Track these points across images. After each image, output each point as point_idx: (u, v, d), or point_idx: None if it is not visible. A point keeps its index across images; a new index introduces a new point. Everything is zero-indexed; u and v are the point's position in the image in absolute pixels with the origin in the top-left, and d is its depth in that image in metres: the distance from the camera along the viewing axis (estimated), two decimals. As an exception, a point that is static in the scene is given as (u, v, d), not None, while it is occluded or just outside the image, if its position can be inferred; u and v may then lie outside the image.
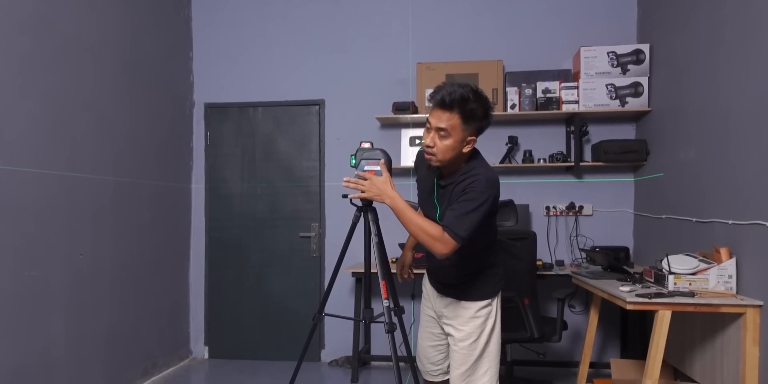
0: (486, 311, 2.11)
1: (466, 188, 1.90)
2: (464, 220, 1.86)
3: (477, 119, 1.91)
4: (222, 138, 4.33)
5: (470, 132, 1.92)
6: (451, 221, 1.87)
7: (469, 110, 1.88)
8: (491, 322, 2.12)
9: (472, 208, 1.87)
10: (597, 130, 3.84)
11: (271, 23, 4.27)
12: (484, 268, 2.13)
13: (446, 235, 1.86)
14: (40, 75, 2.77)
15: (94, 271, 3.14)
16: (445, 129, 1.89)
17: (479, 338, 2.10)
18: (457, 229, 1.85)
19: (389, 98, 4.00)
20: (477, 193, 1.88)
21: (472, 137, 1.94)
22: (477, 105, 1.89)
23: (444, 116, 1.89)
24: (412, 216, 1.92)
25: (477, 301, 2.11)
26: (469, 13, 4.06)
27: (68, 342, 2.93)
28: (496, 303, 2.15)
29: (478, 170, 1.95)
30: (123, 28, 3.45)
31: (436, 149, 1.93)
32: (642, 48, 3.60)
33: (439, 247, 1.87)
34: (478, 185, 1.89)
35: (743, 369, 2.31)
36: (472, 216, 1.86)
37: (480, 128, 1.96)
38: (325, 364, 4.12)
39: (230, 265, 4.28)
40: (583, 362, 3.31)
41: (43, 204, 2.78)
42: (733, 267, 2.43)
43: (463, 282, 2.13)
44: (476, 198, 1.87)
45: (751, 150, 2.39)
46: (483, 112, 1.92)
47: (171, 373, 3.91)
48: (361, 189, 1.96)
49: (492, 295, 2.13)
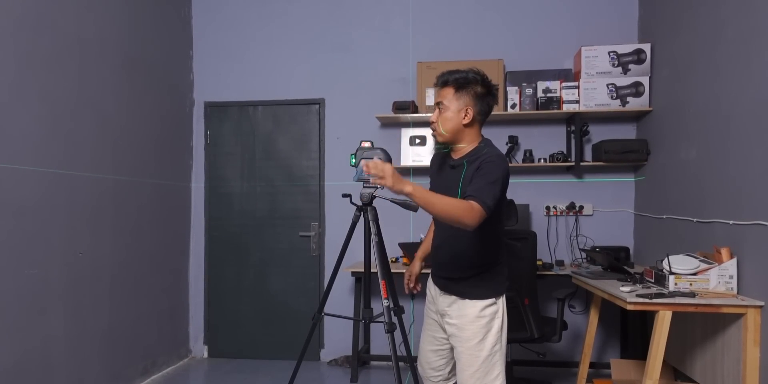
0: (491, 311, 2.07)
1: (480, 165, 1.95)
2: (488, 189, 1.89)
3: (470, 87, 2.01)
4: (222, 137, 4.32)
5: (465, 101, 2.03)
6: (476, 190, 1.88)
7: (462, 79, 2.03)
8: (497, 322, 2.08)
9: (492, 179, 1.91)
10: (598, 129, 3.83)
11: (271, 22, 4.26)
12: (489, 264, 2.10)
13: (474, 204, 1.83)
14: (39, 73, 2.76)
15: (93, 270, 3.14)
16: (441, 102, 2.06)
17: (485, 339, 2.06)
18: (484, 197, 1.86)
19: (389, 97, 3.99)
20: (493, 165, 1.94)
21: (469, 107, 2.03)
22: (470, 75, 2.03)
23: (441, 92, 2.07)
24: (436, 196, 1.84)
25: (481, 299, 2.07)
26: (470, 12, 4.05)
27: (67, 340, 2.93)
28: (502, 304, 2.11)
29: (487, 149, 2.04)
30: (123, 26, 3.44)
31: (438, 123, 2.07)
32: (643, 48, 3.59)
33: (468, 218, 1.82)
34: (492, 159, 1.96)
35: (744, 369, 2.31)
36: (494, 187, 1.90)
37: (478, 98, 2.03)
38: (324, 363, 4.12)
39: (230, 264, 4.28)
40: (583, 362, 3.31)
41: (43, 202, 2.77)
42: (734, 267, 2.42)
43: (468, 276, 2.09)
44: (493, 171, 1.92)
45: (752, 150, 2.38)
46: (477, 82, 2.03)
47: (170, 372, 3.91)
48: (382, 175, 1.77)
49: (496, 295, 2.09)
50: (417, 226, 4.05)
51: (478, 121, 2.06)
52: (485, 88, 2.04)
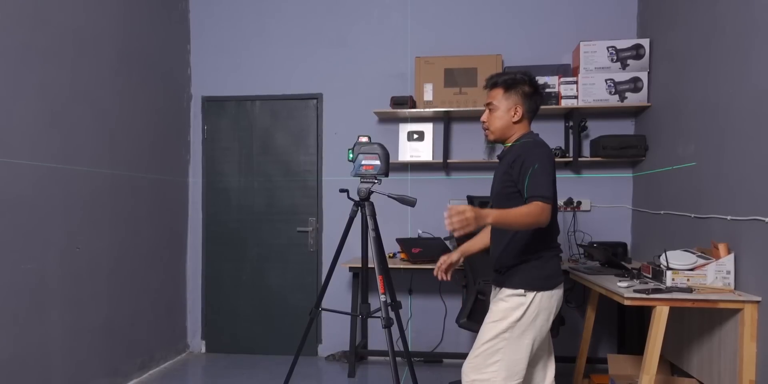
0: (516, 301, 2.06)
1: (516, 159, 2.03)
2: (539, 182, 1.95)
3: (518, 87, 2.12)
4: (219, 132, 4.31)
5: (515, 100, 2.13)
6: (531, 189, 1.95)
7: (510, 80, 2.13)
8: (517, 314, 2.05)
9: (538, 170, 1.96)
10: (596, 125, 3.83)
11: (269, 16, 4.24)
12: (529, 256, 2.10)
13: (538, 203, 1.92)
14: (36, 67, 2.75)
15: (90, 265, 3.13)
16: (491, 103, 2.17)
17: (499, 322, 2.06)
18: (540, 191, 1.94)
19: (387, 92, 3.98)
20: (532, 155, 2.00)
21: (518, 105, 2.12)
22: (517, 76, 2.14)
23: (490, 93, 2.19)
24: (510, 213, 1.91)
25: (511, 288, 2.09)
26: (469, 7, 4.04)
27: (65, 335, 2.93)
28: (533, 300, 2.06)
29: (525, 138, 2.14)
30: (120, 20, 3.42)
31: (488, 123, 2.18)
32: (642, 43, 3.59)
33: (540, 219, 1.92)
34: (528, 149, 2.03)
35: (740, 364, 2.31)
36: (542, 176, 1.96)
37: (526, 97, 2.13)
38: (322, 358, 4.12)
39: (227, 260, 4.27)
40: (581, 357, 3.32)
41: (39, 197, 2.77)
42: (731, 263, 2.43)
43: (507, 266, 2.13)
44: (535, 161, 1.98)
45: (750, 145, 2.38)
46: (525, 82, 2.12)
47: (168, 367, 3.91)
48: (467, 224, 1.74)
49: (528, 287, 2.06)
50: (415, 222, 4.05)
51: (526, 118, 2.16)
52: (532, 88, 2.14)
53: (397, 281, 3.95)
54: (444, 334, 4.01)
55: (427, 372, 3.73)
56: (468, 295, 3.14)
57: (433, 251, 3.66)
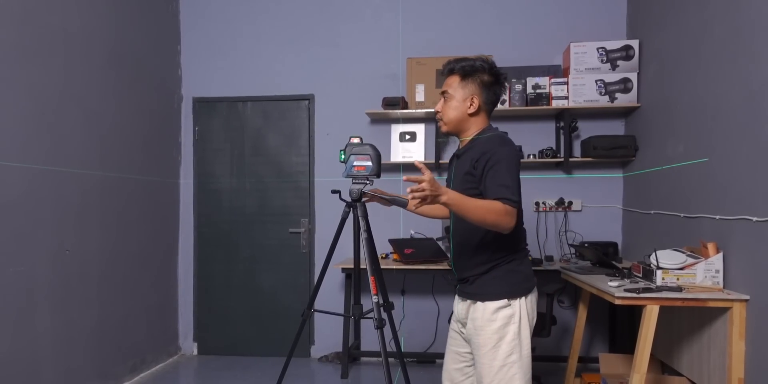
0: (505, 315, 1.87)
1: (481, 156, 1.84)
2: (505, 183, 1.77)
3: (476, 75, 1.93)
4: (211, 133, 4.29)
5: (471, 90, 1.94)
6: (496, 191, 1.77)
7: (468, 67, 1.94)
8: (513, 328, 1.86)
9: (503, 169, 1.79)
10: (586, 125, 3.85)
11: (260, 17, 4.23)
12: (501, 260, 1.90)
13: (505, 206, 1.74)
14: (25, 68, 2.73)
15: (80, 267, 3.11)
16: (446, 91, 1.98)
17: (498, 347, 1.86)
18: (506, 194, 1.75)
19: (379, 93, 3.99)
20: (497, 154, 1.82)
21: (475, 95, 1.93)
22: (477, 64, 1.94)
23: (447, 81, 1.99)
24: (474, 202, 1.72)
25: (492, 300, 1.88)
26: (460, 8, 4.05)
27: (55, 338, 2.90)
28: (521, 307, 1.89)
29: (486, 132, 1.96)
30: (110, 20, 3.40)
31: (443, 112, 1.99)
32: (631, 44, 3.61)
33: (506, 220, 1.74)
34: (493, 148, 1.84)
35: (729, 363, 2.34)
36: (508, 177, 1.79)
37: (485, 87, 1.94)
38: (315, 359, 4.12)
39: (219, 261, 4.26)
40: (572, 357, 3.33)
41: (29, 199, 2.74)
42: (720, 262, 2.45)
43: (477, 275, 1.92)
44: (500, 159, 1.81)
45: (738, 146, 2.41)
46: (485, 70, 1.94)
47: (159, 370, 3.89)
48: (424, 195, 1.62)
49: (511, 295, 1.88)
50: (407, 223, 4.06)
51: (484, 110, 1.97)
52: (492, 77, 1.94)
53: (390, 282, 3.95)
54: (437, 335, 4.02)
55: (420, 372, 3.73)
56: (460, 296, 3.15)
57: (425, 252, 3.66)
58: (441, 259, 3.65)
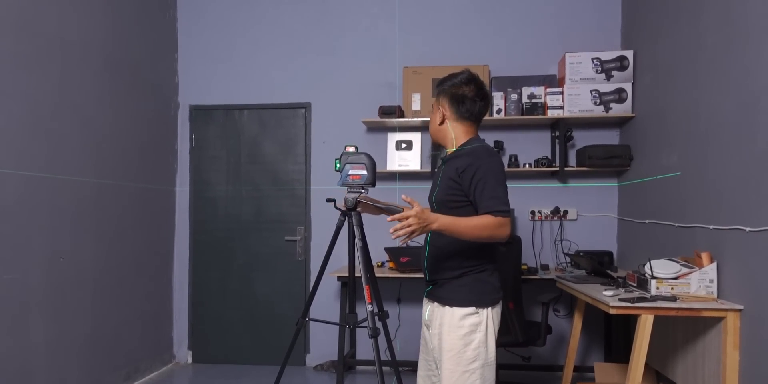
0: (471, 322, 1.89)
1: (467, 167, 1.87)
2: (496, 195, 1.82)
3: (443, 89, 2.00)
4: (207, 140, 4.30)
5: (439, 103, 2.01)
6: (488, 204, 1.82)
7: (441, 80, 2.03)
8: (479, 336, 1.88)
9: (487, 181, 1.84)
10: (581, 135, 3.87)
11: (257, 25, 4.26)
12: (472, 268, 1.93)
13: (498, 218, 1.80)
14: (21, 75, 2.73)
15: (75, 275, 3.10)
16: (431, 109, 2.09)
17: (463, 353, 1.88)
18: (498, 206, 1.81)
19: (376, 102, 4.00)
20: (483, 167, 1.86)
21: (443, 107, 1.99)
22: (450, 76, 2.01)
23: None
24: (466, 222, 1.79)
25: (460, 307, 1.90)
26: (456, 18, 4.08)
27: (48, 346, 2.89)
28: (488, 318, 1.91)
29: (472, 143, 1.98)
30: (107, 28, 3.41)
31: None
32: (626, 54, 3.64)
33: (501, 231, 1.80)
34: (478, 157, 1.88)
35: (723, 372, 2.34)
36: (497, 189, 1.84)
37: (453, 99, 1.97)
38: (310, 368, 4.10)
39: (215, 269, 4.25)
40: (567, 366, 3.33)
41: (24, 206, 2.74)
42: (714, 271, 2.46)
43: (446, 279, 1.95)
44: (487, 171, 1.85)
45: (731, 156, 2.42)
46: (459, 82, 1.97)
47: (154, 378, 3.87)
48: (411, 230, 1.68)
49: (479, 304, 1.90)
50: (403, 231, 4.05)
51: (454, 120, 1.98)
52: (465, 88, 1.96)
53: (386, 290, 3.95)
54: (432, 343, 4.00)
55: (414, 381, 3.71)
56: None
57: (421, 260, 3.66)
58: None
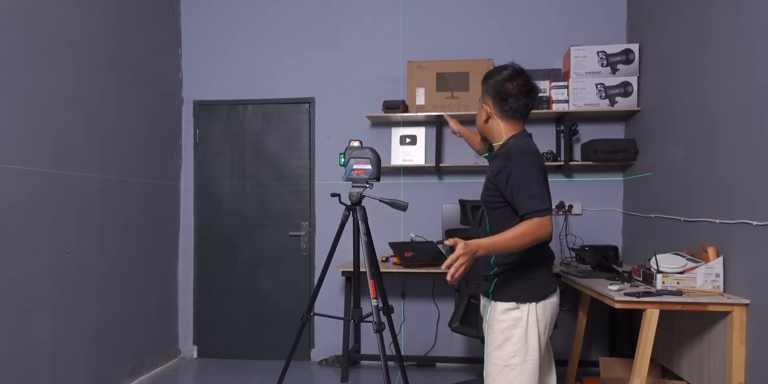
0: (512, 317, 1.91)
1: (501, 169, 1.88)
2: (532, 195, 1.82)
3: (488, 84, 2.00)
4: (211, 136, 4.30)
5: (484, 100, 2.03)
6: (525, 205, 1.82)
7: (486, 76, 2.03)
8: (519, 332, 1.89)
9: (527, 182, 1.83)
10: (586, 129, 3.85)
11: (261, 20, 4.25)
12: (513, 264, 1.94)
13: (535, 220, 1.79)
14: (25, 71, 2.73)
15: (80, 270, 3.11)
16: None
17: (503, 347, 1.90)
18: (534, 207, 1.80)
19: (380, 97, 3.99)
20: (517, 167, 1.85)
21: (486, 104, 2.01)
22: (495, 71, 2.01)
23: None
24: (505, 237, 1.79)
25: (502, 301, 1.93)
26: (460, 11, 4.06)
27: (54, 341, 2.90)
28: (530, 312, 1.91)
29: (510, 141, 1.98)
30: (111, 23, 3.41)
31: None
32: (631, 48, 3.62)
33: (543, 232, 1.80)
34: (510, 158, 1.88)
35: (730, 367, 2.33)
36: (533, 188, 1.83)
37: (498, 95, 1.97)
38: (314, 363, 4.11)
39: (219, 264, 4.26)
40: (572, 361, 3.33)
41: (29, 201, 2.74)
42: (720, 266, 2.45)
43: (491, 274, 1.98)
44: (521, 171, 1.84)
45: (738, 149, 2.41)
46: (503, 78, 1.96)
47: (159, 373, 3.89)
48: (465, 268, 1.69)
49: (519, 300, 1.91)
50: (407, 226, 4.06)
51: (500, 117, 1.99)
52: (510, 84, 1.95)
53: (390, 285, 3.95)
54: (437, 338, 4.01)
55: (419, 376, 3.72)
56: (460, 299, 3.15)
57: (425, 255, 3.66)
58: (441, 262, 3.63)
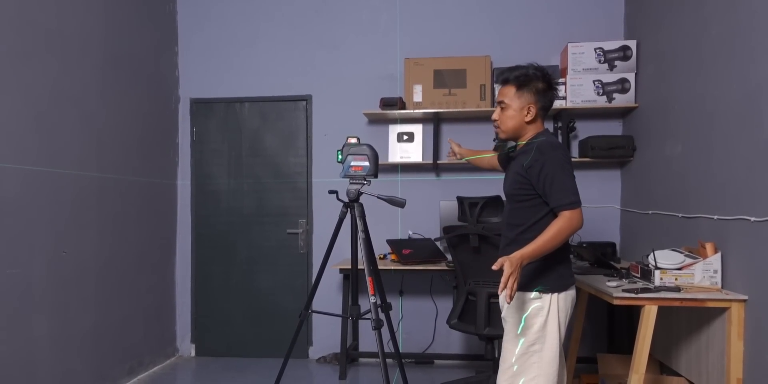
0: (536, 306, 1.97)
1: (533, 163, 1.95)
2: (564, 188, 1.91)
3: (531, 85, 2.03)
4: (208, 134, 4.28)
5: (527, 99, 2.04)
6: (558, 197, 1.91)
7: (523, 77, 2.04)
8: (540, 321, 1.95)
9: (558, 177, 1.91)
10: (584, 126, 3.85)
11: (258, 17, 4.23)
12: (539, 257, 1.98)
13: (566, 213, 1.89)
14: (21, 69, 2.71)
15: (78, 269, 3.10)
16: (503, 101, 2.08)
17: (524, 335, 1.96)
18: (567, 197, 1.90)
19: (377, 94, 3.98)
20: (548, 162, 1.93)
21: (531, 104, 2.04)
22: (531, 72, 2.04)
23: (502, 91, 2.09)
24: (542, 239, 1.87)
25: (524, 291, 1.98)
26: (457, 8, 4.05)
27: (51, 341, 2.89)
28: (552, 302, 1.97)
29: (539, 137, 2.05)
30: (107, 21, 3.39)
31: (500, 121, 2.10)
32: (629, 44, 3.61)
33: (575, 224, 1.90)
34: (544, 153, 1.95)
35: (728, 363, 2.33)
36: (564, 182, 1.92)
37: (540, 95, 2.04)
38: (313, 360, 4.11)
39: (217, 262, 4.25)
40: (570, 357, 3.33)
41: (25, 200, 2.73)
42: (718, 262, 2.45)
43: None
44: (554, 165, 1.93)
45: (736, 146, 2.41)
46: (539, 78, 2.03)
47: (157, 372, 3.88)
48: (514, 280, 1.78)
49: (544, 290, 1.97)
50: (405, 223, 4.05)
51: (540, 116, 2.08)
52: (546, 84, 2.05)
53: (388, 282, 3.95)
54: (435, 335, 4.01)
55: (418, 373, 3.72)
56: (458, 296, 3.15)
57: (423, 252, 3.66)
58: (439, 259, 3.64)
